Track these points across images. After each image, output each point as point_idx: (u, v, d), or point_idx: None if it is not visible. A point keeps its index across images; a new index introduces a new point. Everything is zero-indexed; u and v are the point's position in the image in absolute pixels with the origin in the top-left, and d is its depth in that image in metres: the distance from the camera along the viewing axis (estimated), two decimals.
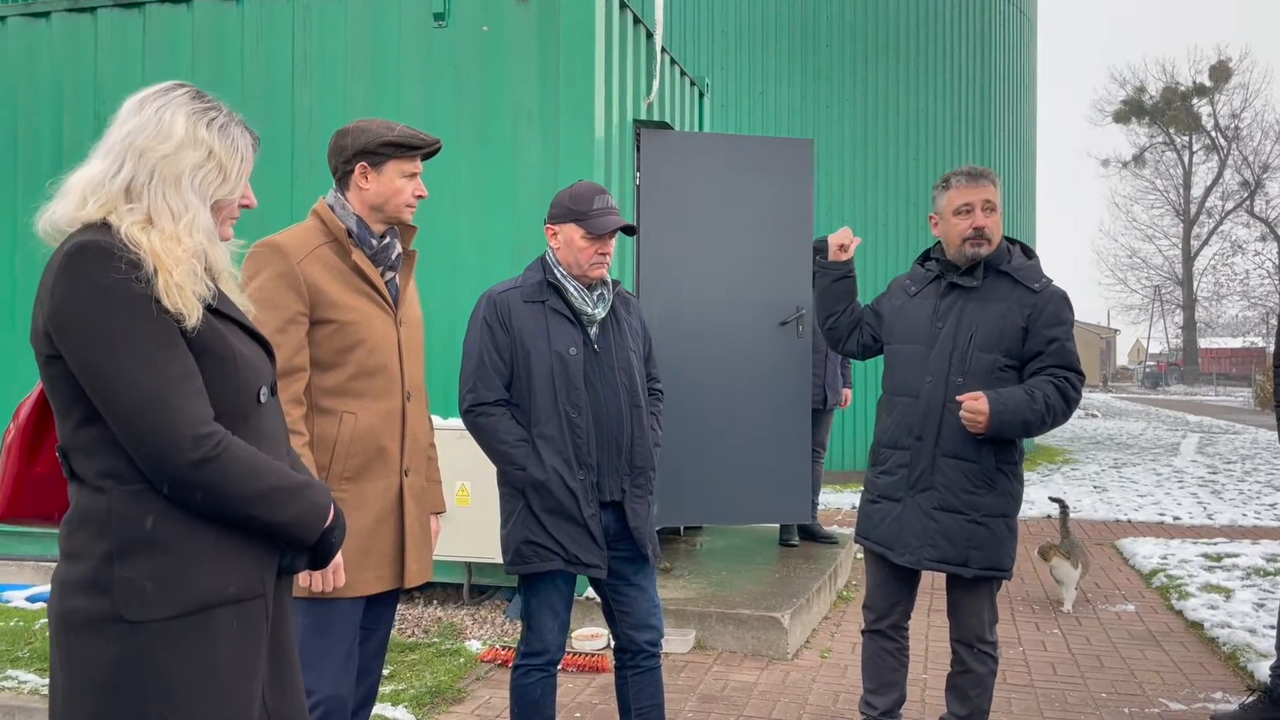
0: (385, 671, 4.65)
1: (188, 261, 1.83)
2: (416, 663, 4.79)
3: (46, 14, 6.08)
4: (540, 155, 5.36)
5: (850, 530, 7.38)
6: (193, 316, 1.81)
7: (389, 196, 2.82)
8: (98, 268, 1.75)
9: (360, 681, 2.93)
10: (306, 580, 2.64)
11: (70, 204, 1.84)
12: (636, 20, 6.01)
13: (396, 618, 5.53)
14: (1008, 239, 3.52)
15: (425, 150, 2.88)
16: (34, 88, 6.09)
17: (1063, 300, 3.35)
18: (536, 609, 3.28)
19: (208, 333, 1.85)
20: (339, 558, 2.66)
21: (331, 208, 2.83)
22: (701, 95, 7.46)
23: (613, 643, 3.51)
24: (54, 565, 1.90)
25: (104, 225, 1.82)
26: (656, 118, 6.28)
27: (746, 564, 6.24)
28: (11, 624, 5.34)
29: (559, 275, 3.26)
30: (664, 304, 6.01)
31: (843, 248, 3.68)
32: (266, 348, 2.07)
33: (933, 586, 5.92)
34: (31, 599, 5.84)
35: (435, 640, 5.13)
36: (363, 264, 2.80)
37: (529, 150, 5.38)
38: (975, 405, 3.22)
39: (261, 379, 1.97)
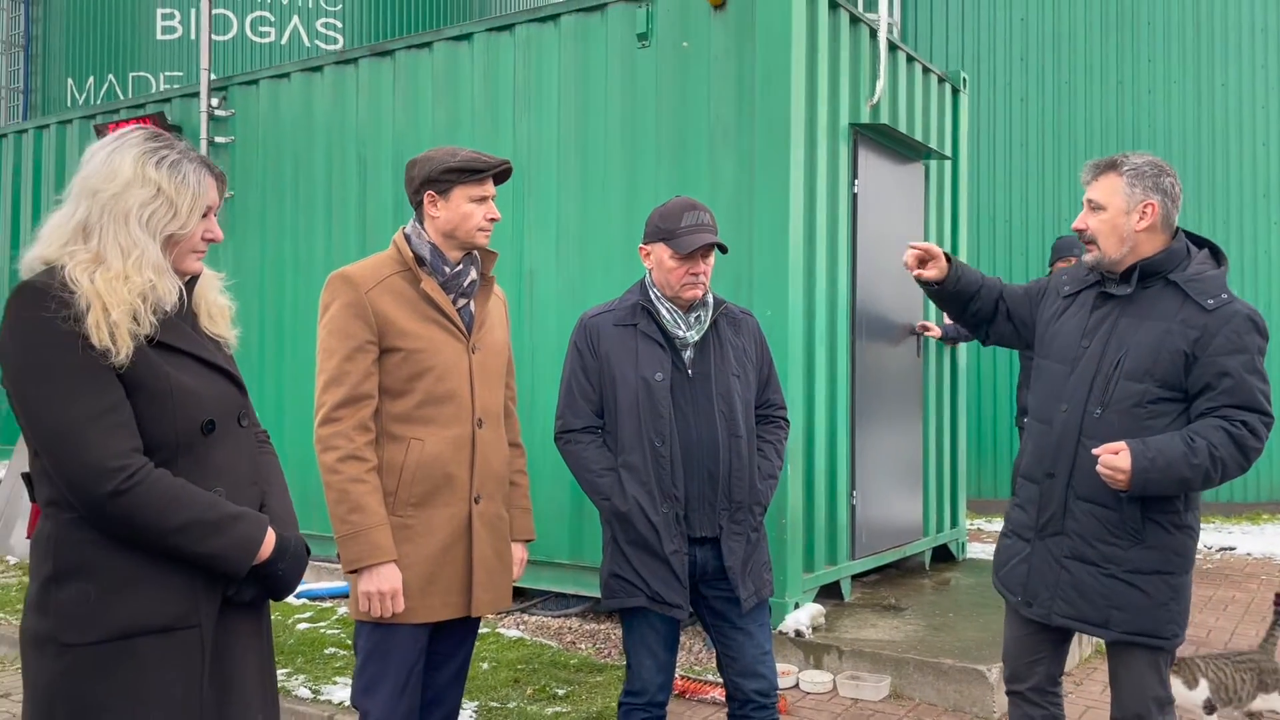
0: (562, 691, 4.67)
1: (130, 301, 1.91)
2: (597, 685, 4.77)
3: (320, 68, 6.77)
4: (735, 172, 5.17)
5: None
6: (121, 353, 1.88)
7: (458, 222, 2.85)
8: (29, 306, 1.87)
9: (432, 712, 2.94)
10: (366, 605, 2.70)
11: (38, 246, 1.98)
12: (855, 19, 5.66)
13: (601, 635, 5.55)
14: (1194, 239, 2.90)
15: (493, 172, 2.87)
16: (309, 136, 6.79)
17: (1245, 322, 2.70)
18: (633, 646, 3.16)
19: (141, 368, 1.92)
20: (396, 583, 2.69)
21: (409, 237, 2.89)
22: (956, 92, 6.89)
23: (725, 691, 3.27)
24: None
25: (58, 266, 1.95)
26: (886, 120, 5.87)
27: (984, 607, 5.63)
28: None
29: (653, 297, 3.13)
30: (874, 323, 5.84)
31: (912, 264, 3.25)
32: (235, 380, 2.12)
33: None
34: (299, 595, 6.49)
35: None
36: (432, 291, 2.83)
37: (723, 168, 5.21)
38: (1114, 461, 2.66)
39: (207, 411, 2.01)
